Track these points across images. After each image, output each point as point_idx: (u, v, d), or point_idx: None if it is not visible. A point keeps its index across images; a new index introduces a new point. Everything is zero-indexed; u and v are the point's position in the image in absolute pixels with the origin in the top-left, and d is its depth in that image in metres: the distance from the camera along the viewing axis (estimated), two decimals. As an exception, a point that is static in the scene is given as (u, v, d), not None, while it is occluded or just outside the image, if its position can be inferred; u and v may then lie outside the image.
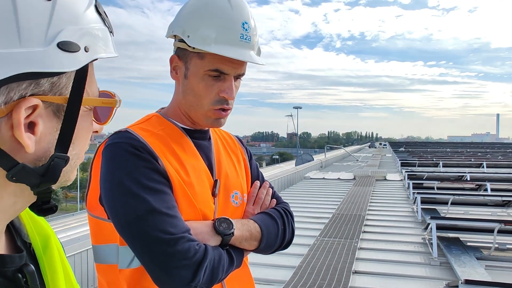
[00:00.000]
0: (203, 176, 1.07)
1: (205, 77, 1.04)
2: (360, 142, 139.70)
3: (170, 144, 1.05)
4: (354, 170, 12.60)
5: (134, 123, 1.09)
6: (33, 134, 0.46)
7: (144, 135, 1.02)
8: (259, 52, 1.11)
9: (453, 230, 4.81)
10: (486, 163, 13.95)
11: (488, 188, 7.56)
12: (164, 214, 0.93)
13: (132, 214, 0.92)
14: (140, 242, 0.92)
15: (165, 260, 0.90)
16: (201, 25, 1.02)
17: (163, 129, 1.07)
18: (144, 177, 0.95)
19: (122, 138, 0.99)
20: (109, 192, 0.96)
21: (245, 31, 1.03)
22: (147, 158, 0.97)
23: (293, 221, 1.22)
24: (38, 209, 0.53)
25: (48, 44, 0.45)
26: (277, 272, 3.92)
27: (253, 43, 1.06)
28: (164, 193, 0.96)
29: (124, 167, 0.95)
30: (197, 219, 1.01)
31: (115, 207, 0.95)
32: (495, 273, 3.94)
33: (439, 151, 24.96)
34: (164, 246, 0.90)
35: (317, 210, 7.12)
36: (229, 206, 1.11)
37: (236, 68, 1.04)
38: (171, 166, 1.00)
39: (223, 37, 1.01)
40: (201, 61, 1.03)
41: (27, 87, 0.44)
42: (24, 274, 0.51)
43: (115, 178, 0.95)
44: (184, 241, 0.92)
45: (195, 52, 1.03)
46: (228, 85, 1.04)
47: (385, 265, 4.17)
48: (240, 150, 1.27)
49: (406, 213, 6.81)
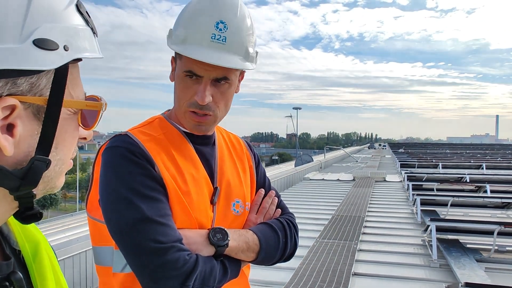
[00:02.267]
0: (202, 183, 1.05)
1: (184, 78, 1.01)
2: (359, 143, 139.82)
3: (170, 150, 1.03)
4: (354, 171, 12.58)
5: (136, 126, 1.07)
6: (12, 136, 0.45)
7: (144, 140, 1.00)
8: (247, 55, 1.02)
9: (452, 232, 4.80)
10: (485, 164, 13.95)
11: (488, 189, 7.57)
12: (156, 222, 0.91)
13: (124, 222, 0.91)
14: (131, 250, 0.91)
15: (154, 270, 0.89)
16: (178, 24, 1.01)
17: (164, 133, 1.05)
18: (139, 184, 0.93)
19: (121, 142, 0.98)
20: (104, 198, 0.95)
21: (219, 31, 0.96)
22: (143, 164, 0.96)
23: (296, 233, 1.18)
24: (22, 217, 0.52)
25: (23, 41, 0.44)
26: (276, 274, 3.90)
27: (232, 45, 0.98)
28: (158, 201, 0.94)
29: (120, 173, 0.94)
30: (192, 228, 0.99)
31: (109, 213, 0.94)
32: (495, 275, 3.93)
33: (439, 152, 24.99)
34: (154, 255, 0.89)
35: (317, 211, 7.10)
36: (229, 214, 1.09)
37: (210, 71, 0.98)
38: (167, 173, 0.98)
39: (192, 37, 0.97)
40: (180, 62, 1.01)
41: (3, 86, 0.43)
42: (12, 282, 0.49)
43: (110, 184, 0.94)
44: (174, 251, 0.90)
45: (177, 53, 1.01)
46: (201, 88, 0.99)
47: (385, 267, 4.16)
48: (247, 156, 1.23)
49: (406, 214, 6.80)
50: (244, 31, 1.01)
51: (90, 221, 1.03)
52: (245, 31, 1.01)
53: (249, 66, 1.02)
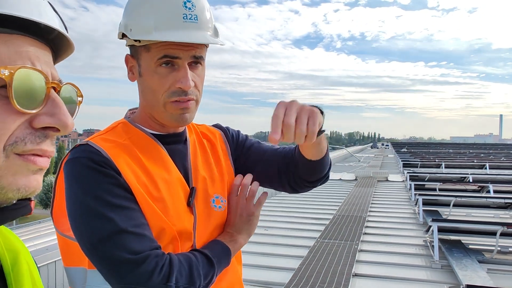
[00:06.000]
0: (177, 186, 0.99)
1: (157, 69, 0.95)
2: (362, 142, 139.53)
3: (137, 155, 0.96)
4: (356, 171, 12.53)
5: (98, 133, 1.01)
6: None
7: (107, 147, 0.93)
8: (216, 33, 1.00)
9: (455, 232, 4.75)
10: (489, 164, 13.86)
11: (491, 190, 7.50)
12: (130, 233, 0.86)
13: (96, 236, 0.86)
14: (107, 264, 0.86)
15: (133, 282, 0.85)
16: (140, 15, 0.94)
17: (129, 138, 0.99)
18: (108, 194, 0.88)
19: (82, 152, 0.91)
20: (73, 213, 0.89)
21: (189, 10, 0.93)
22: (109, 173, 0.90)
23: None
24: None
25: None
26: (276, 274, 3.88)
27: (203, 22, 0.95)
28: (130, 210, 0.89)
29: (85, 185, 0.88)
30: (170, 235, 0.94)
31: (79, 228, 0.88)
32: (497, 276, 3.89)
33: (442, 152, 24.86)
34: (131, 266, 0.85)
35: (318, 211, 7.07)
36: (211, 212, 1.05)
37: (188, 51, 0.94)
38: (135, 181, 0.92)
39: (163, 21, 0.92)
40: (149, 53, 0.95)
41: None
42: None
43: (77, 198, 0.88)
44: (151, 258, 0.86)
45: (142, 45, 0.95)
46: (183, 73, 0.94)
47: (386, 268, 4.13)
48: (221, 144, 1.17)
49: (408, 214, 6.76)
50: (207, 7, 0.99)
51: (60, 238, 0.97)
52: (208, 7, 0.98)
53: (220, 41, 0.99)
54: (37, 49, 0.47)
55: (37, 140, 0.46)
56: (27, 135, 0.46)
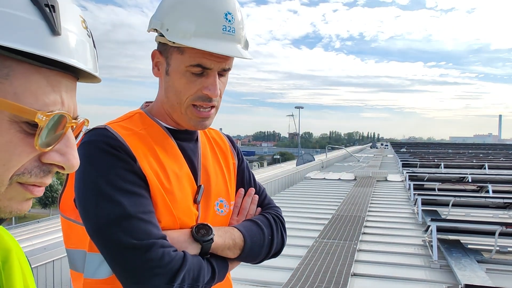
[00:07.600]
0: (185, 181, 1.01)
1: (186, 73, 0.97)
2: (361, 142, 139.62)
3: (152, 146, 0.98)
4: (355, 171, 12.54)
5: (115, 120, 1.02)
6: None
7: (124, 134, 0.95)
8: (247, 46, 1.03)
9: (453, 232, 4.76)
10: (488, 164, 13.87)
11: (490, 190, 7.50)
12: (138, 219, 0.87)
13: (104, 218, 0.86)
14: (111, 249, 0.86)
15: (136, 268, 0.85)
16: (180, 17, 0.95)
17: (145, 129, 1.00)
18: (120, 179, 0.89)
19: (99, 136, 0.93)
20: (82, 194, 0.90)
21: (229, 22, 0.95)
22: (124, 158, 0.91)
23: (283, 229, 1.14)
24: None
25: None
26: (275, 274, 3.88)
27: (239, 36, 0.98)
28: (141, 196, 0.90)
29: (99, 168, 0.89)
30: (175, 228, 0.95)
31: (87, 210, 0.89)
32: (496, 276, 3.89)
33: (441, 152, 24.88)
34: (136, 252, 0.85)
35: (317, 211, 7.07)
36: (213, 214, 1.05)
37: (220, 63, 0.97)
38: (150, 170, 0.94)
39: (204, 29, 0.93)
40: (182, 56, 0.96)
41: None
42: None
43: (89, 179, 0.89)
44: (158, 247, 0.86)
45: (175, 46, 0.96)
46: (212, 81, 0.96)
47: (385, 268, 4.13)
48: (231, 153, 1.19)
49: (407, 214, 6.76)
50: (243, 22, 1.01)
51: (63, 221, 0.98)
52: (244, 22, 1.01)
53: (249, 55, 1.01)
54: (67, 82, 0.49)
55: (41, 174, 0.48)
56: (34, 168, 0.47)
